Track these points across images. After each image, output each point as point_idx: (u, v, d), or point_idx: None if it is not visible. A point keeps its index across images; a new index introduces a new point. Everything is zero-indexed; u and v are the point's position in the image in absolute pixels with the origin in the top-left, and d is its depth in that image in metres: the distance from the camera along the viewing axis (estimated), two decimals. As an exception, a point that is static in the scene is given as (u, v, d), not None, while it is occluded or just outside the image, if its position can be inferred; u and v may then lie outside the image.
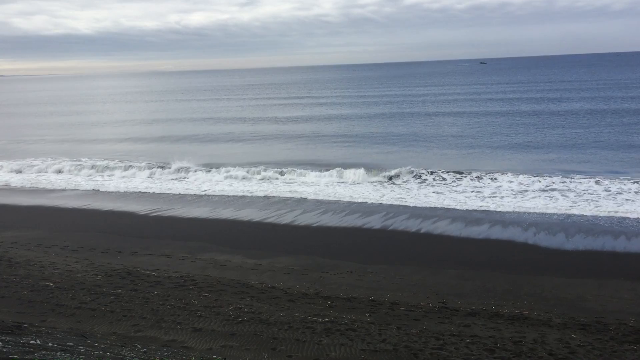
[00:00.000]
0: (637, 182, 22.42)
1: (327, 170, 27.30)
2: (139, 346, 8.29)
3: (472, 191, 22.69)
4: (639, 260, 14.67)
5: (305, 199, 22.82)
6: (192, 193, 24.84)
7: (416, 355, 8.95)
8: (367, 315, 10.91)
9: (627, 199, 20.38)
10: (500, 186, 22.98)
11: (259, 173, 27.64)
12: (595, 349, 9.21)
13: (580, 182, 22.92)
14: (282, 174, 27.39)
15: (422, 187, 23.91)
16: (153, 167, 30.04)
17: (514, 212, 19.66)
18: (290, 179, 26.62)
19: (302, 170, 27.72)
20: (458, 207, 20.53)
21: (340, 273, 13.97)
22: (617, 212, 19.03)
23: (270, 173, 27.47)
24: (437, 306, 11.51)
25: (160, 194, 25.08)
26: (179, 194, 24.82)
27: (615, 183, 22.45)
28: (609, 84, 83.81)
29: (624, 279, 13.14)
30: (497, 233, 17.38)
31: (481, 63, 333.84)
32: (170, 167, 29.58)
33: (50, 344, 7.05)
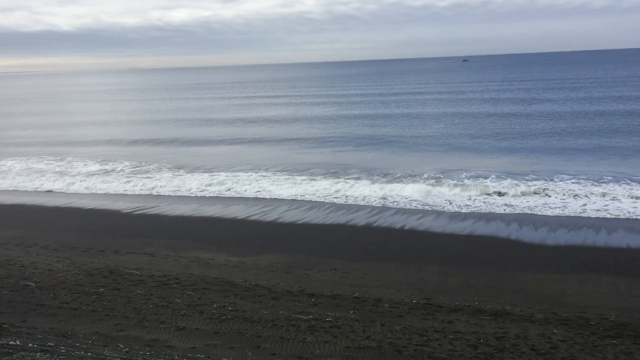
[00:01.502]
0: (618, 181, 22.73)
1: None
2: (122, 346, 8.20)
3: (458, 189, 22.80)
4: (619, 256, 14.88)
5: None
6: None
7: (400, 351, 8.98)
8: (351, 312, 10.92)
9: (612, 199, 20.53)
10: (485, 184, 23.09)
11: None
12: (577, 344, 9.32)
13: (564, 181, 23.14)
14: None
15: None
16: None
17: (497, 211, 19.78)
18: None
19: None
20: (443, 205, 20.64)
21: (324, 270, 13.97)
22: (598, 209, 19.27)
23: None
24: (420, 303, 11.56)
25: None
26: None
27: (598, 182, 22.70)
28: (591, 82, 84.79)
29: (604, 274, 13.32)
30: (481, 230, 17.51)
31: (464, 60, 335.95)
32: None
33: (30, 345, 6.95)
